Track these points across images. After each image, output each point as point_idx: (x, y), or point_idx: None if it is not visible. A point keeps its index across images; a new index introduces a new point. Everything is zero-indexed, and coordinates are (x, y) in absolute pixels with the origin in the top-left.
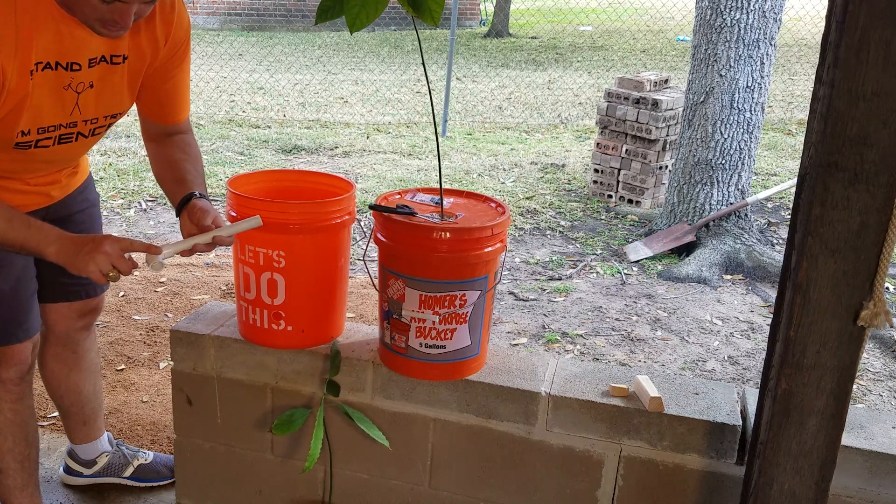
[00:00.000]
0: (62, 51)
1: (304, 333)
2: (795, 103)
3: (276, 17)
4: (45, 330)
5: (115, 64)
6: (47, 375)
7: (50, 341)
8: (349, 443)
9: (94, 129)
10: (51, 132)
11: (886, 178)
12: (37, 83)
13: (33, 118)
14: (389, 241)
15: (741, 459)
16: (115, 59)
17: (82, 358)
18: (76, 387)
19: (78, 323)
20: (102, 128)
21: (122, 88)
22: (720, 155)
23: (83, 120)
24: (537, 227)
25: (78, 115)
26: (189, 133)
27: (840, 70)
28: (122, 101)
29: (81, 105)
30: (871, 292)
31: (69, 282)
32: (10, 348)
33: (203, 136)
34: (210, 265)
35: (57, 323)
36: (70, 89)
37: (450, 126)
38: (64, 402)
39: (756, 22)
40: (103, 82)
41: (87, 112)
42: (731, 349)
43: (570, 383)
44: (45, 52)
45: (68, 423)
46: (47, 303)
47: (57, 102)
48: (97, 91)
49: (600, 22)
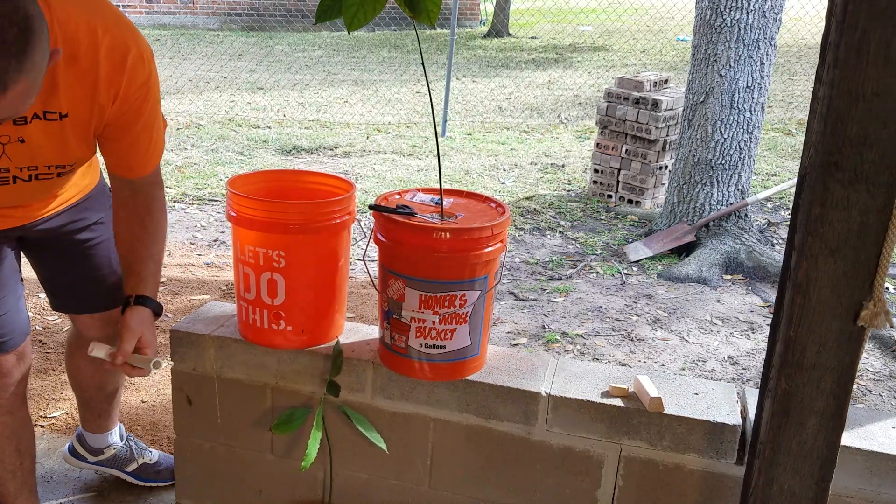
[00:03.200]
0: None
1: (304, 333)
2: (795, 103)
3: (276, 17)
4: (77, 332)
5: (51, 120)
6: (73, 370)
7: (80, 343)
8: (349, 443)
9: (33, 174)
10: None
11: (886, 178)
12: None
13: None
14: (389, 241)
15: (741, 459)
16: (50, 115)
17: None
18: (100, 384)
19: (106, 330)
20: (48, 175)
21: (65, 142)
22: (720, 155)
23: (17, 167)
24: (537, 227)
25: (8, 161)
26: (156, 187)
27: (840, 70)
28: (68, 154)
29: (10, 154)
30: (871, 292)
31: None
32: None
33: (203, 136)
34: (210, 265)
35: (86, 330)
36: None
37: (450, 126)
38: (84, 395)
39: (756, 22)
40: (40, 137)
41: (19, 160)
42: (731, 349)
43: (570, 383)
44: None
45: (84, 412)
46: (73, 313)
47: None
48: (30, 145)
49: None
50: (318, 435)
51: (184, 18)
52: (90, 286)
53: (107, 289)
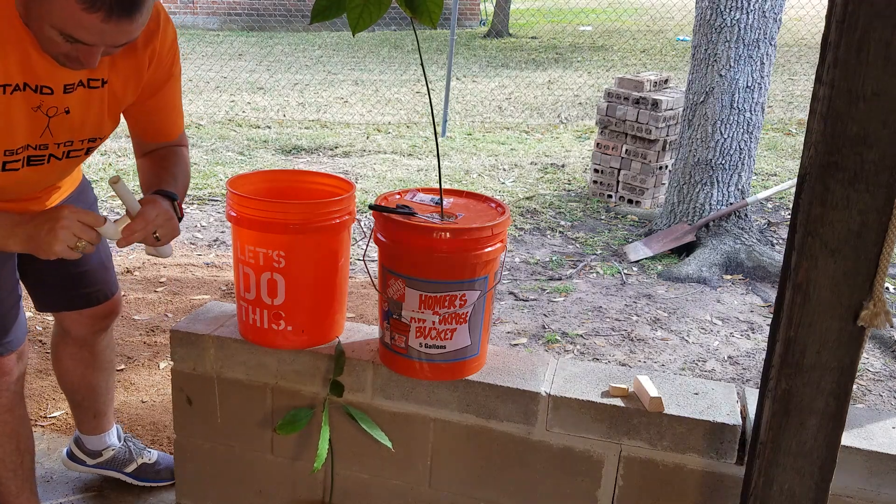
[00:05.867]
0: (31, 74)
1: (304, 333)
2: (795, 103)
3: (276, 17)
4: (63, 332)
5: (94, 88)
6: (62, 373)
7: (67, 342)
8: (350, 443)
9: (67, 151)
10: (19, 154)
11: (886, 178)
12: (5, 105)
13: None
14: (389, 241)
15: (741, 459)
16: (94, 82)
17: (99, 356)
18: (91, 383)
19: (96, 326)
20: (79, 151)
21: (101, 112)
22: (720, 155)
23: (55, 143)
24: (537, 227)
25: (49, 137)
26: (183, 147)
27: (840, 70)
28: (101, 126)
29: (53, 128)
30: (871, 292)
31: (83, 291)
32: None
33: (203, 136)
34: (210, 265)
35: (74, 328)
36: (40, 112)
37: (450, 126)
38: (77, 397)
39: (756, 22)
40: (81, 107)
41: (59, 135)
42: (731, 349)
43: (570, 383)
44: (13, 75)
45: (79, 415)
46: (62, 311)
47: (26, 124)
48: (73, 116)
49: (600, 22)
50: (327, 435)
51: (184, 18)
52: (78, 280)
53: (94, 283)
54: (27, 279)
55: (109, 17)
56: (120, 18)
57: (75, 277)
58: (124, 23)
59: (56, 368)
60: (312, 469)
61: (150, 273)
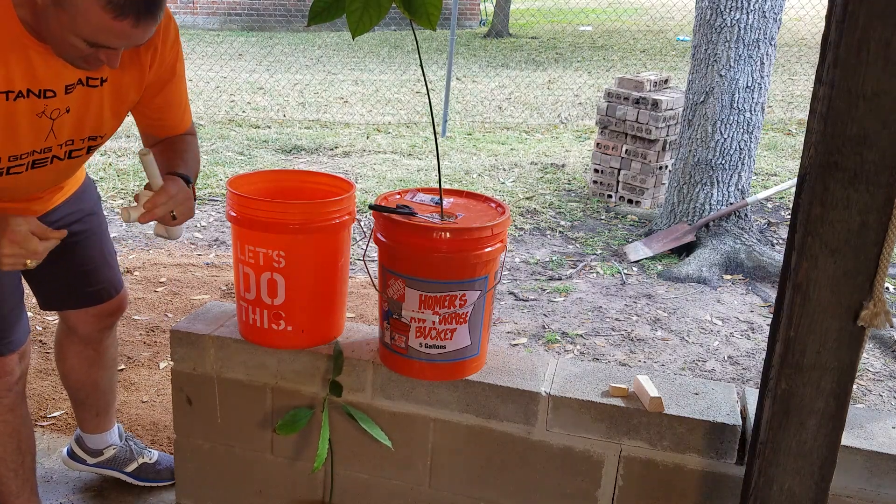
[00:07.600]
0: (34, 79)
1: (304, 333)
2: (795, 103)
3: (276, 17)
4: (68, 330)
5: (92, 87)
6: (66, 371)
7: (73, 340)
8: (349, 443)
9: (69, 151)
10: (23, 159)
11: (886, 178)
12: (8, 112)
13: (4, 146)
14: (389, 241)
15: (741, 459)
16: (92, 81)
17: (104, 354)
18: (94, 381)
19: (102, 324)
20: (80, 151)
21: (101, 110)
22: (720, 155)
23: (58, 144)
24: (537, 227)
25: (53, 139)
26: (192, 136)
27: (840, 70)
28: (102, 124)
29: (56, 130)
30: (871, 292)
31: (89, 289)
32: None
33: (203, 136)
34: (210, 265)
35: (80, 326)
36: (45, 116)
37: (450, 126)
38: (80, 395)
39: (756, 22)
40: (81, 106)
41: (61, 135)
42: (731, 349)
43: (570, 383)
44: (16, 82)
45: (81, 413)
46: (68, 310)
47: (30, 130)
48: (74, 115)
49: (600, 22)
50: (327, 435)
51: (184, 18)
52: (83, 279)
53: (99, 281)
54: (31, 279)
55: (138, 23)
56: (147, 22)
57: (81, 276)
58: (150, 24)
59: (60, 366)
60: (312, 469)
61: (150, 273)
